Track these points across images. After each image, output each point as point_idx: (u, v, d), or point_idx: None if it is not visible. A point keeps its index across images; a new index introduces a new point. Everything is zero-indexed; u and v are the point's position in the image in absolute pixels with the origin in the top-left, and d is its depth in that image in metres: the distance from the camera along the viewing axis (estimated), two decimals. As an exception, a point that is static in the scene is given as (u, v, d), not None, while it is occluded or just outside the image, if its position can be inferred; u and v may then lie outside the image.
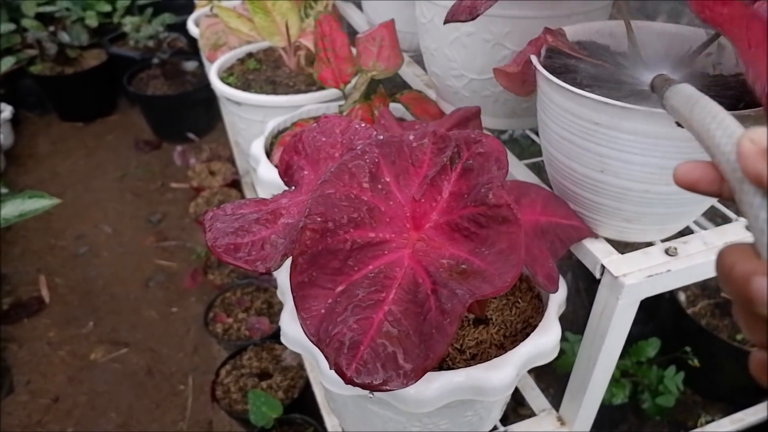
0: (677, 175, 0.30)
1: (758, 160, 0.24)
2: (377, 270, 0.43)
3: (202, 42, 1.28)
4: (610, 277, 0.54)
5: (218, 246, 0.47)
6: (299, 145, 0.57)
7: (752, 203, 0.25)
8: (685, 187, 0.30)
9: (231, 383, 1.32)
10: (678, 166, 0.30)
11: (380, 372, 0.39)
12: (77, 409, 1.45)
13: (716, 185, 0.29)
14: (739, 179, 0.25)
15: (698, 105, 0.31)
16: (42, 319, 1.70)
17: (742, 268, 0.24)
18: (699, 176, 0.29)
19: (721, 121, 0.28)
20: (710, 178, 0.29)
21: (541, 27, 0.56)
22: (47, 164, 2.40)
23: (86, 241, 1.99)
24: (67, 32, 2.47)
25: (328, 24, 0.81)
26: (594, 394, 0.66)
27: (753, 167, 0.25)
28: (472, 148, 0.47)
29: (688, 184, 0.30)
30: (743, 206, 0.25)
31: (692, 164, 0.29)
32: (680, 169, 0.30)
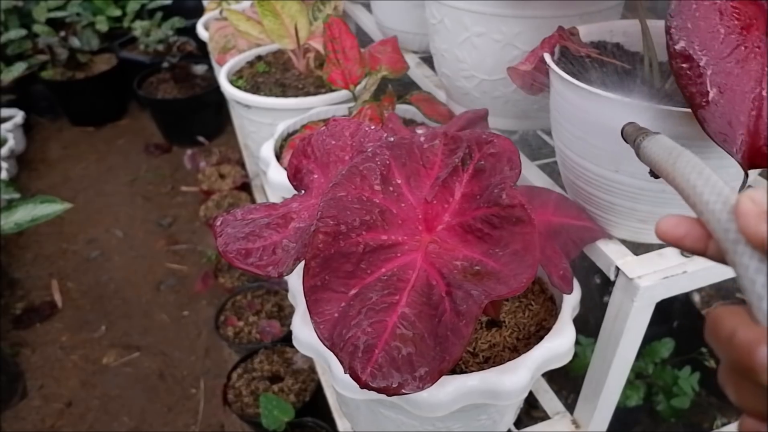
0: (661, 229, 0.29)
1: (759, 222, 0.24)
2: (390, 273, 0.42)
3: (211, 45, 1.29)
4: (624, 279, 0.54)
5: (229, 251, 0.47)
6: (309, 149, 0.57)
7: (748, 266, 0.24)
8: (669, 242, 0.29)
9: (242, 387, 1.32)
10: (662, 220, 0.29)
11: (395, 376, 0.38)
12: (90, 414, 1.45)
13: (702, 242, 0.28)
14: (733, 240, 0.25)
15: (681, 159, 0.31)
16: (54, 324, 1.71)
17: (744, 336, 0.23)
18: (685, 232, 0.28)
19: (707, 179, 0.28)
20: (696, 234, 0.28)
21: (552, 27, 0.55)
22: (59, 169, 2.41)
23: (98, 246, 2.00)
24: (78, 37, 2.49)
25: (338, 26, 0.81)
26: (609, 396, 0.65)
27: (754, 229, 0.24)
28: (484, 149, 0.47)
29: (673, 239, 0.29)
30: (737, 268, 0.24)
31: (677, 219, 0.29)
32: (665, 223, 0.29)
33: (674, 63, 0.39)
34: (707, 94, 0.38)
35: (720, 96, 0.38)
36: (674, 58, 0.39)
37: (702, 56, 0.39)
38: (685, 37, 0.39)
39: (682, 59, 0.39)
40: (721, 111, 0.38)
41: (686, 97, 0.39)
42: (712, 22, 0.39)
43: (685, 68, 0.39)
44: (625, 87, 0.51)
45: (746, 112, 0.38)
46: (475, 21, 0.66)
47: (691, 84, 0.39)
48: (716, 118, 0.38)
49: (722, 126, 0.38)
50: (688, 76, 0.39)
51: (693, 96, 0.39)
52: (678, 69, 0.39)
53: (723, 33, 0.39)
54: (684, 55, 0.39)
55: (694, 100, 0.39)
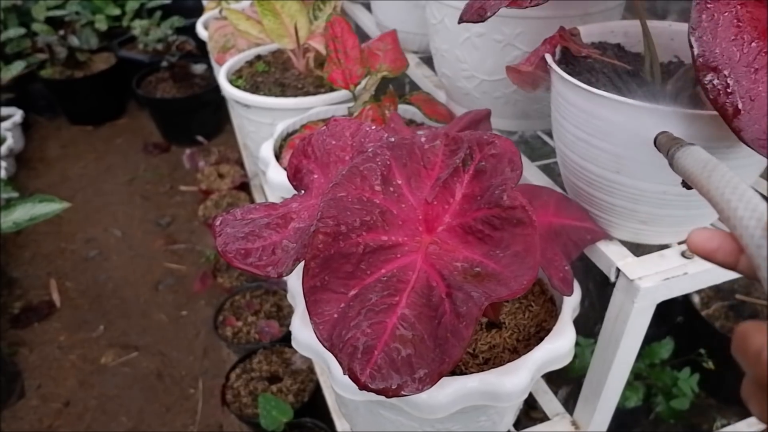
0: (694, 243, 0.29)
1: None
2: (390, 274, 0.42)
3: (211, 45, 1.28)
4: (625, 280, 0.53)
5: (229, 251, 0.46)
6: (309, 149, 0.56)
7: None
8: (701, 256, 0.29)
9: (241, 387, 1.32)
10: (695, 233, 0.29)
11: (395, 377, 0.38)
12: (88, 413, 1.45)
13: (734, 256, 0.28)
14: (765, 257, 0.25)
15: (716, 173, 0.31)
16: (52, 323, 1.71)
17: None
18: (717, 246, 0.29)
19: (742, 194, 0.28)
20: (729, 248, 0.28)
21: (553, 28, 0.55)
22: (57, 168, 2.41)
23: (96, 245, 1.99)
24: (77, 36, 2.48)
25: (340, 26, 0.80)
26: (609, 398, 0.65)
27: None
28: (485, 150, 0.47)
29: (705, 252, 0.29)
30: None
31: (710, 233, 0.29)
32: (697, 236, 0.29)
33: (701, 76, 0.39)
34: (737, 104, 0.38)
35: (751, 104, 0.38)
36: (701, 71, 0.39)
37: (727, 67, 0.39)
38: (709, 49, 0.39)
39: (709, 71, 0.39)
40: (753, 119, 0.38)
41: (717, 109, 0.39)
42: (733, 32, 0.39)
43: (712, 80, 0.39)
44: (627, 88, 0.51)
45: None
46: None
47: (720, 96, 0.39)
48: (751, 126, 0.38)
49: (758, 133, 0.38)
50: (716, 89, 0.39)
51: (724, 107, 0.39)
52: (706, 82, 0.39)
53: (744, 41, 0.39)
54: (710, 68, 0.39)
55: (725, 111, 0.39)
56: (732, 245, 0.28)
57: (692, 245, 0.30)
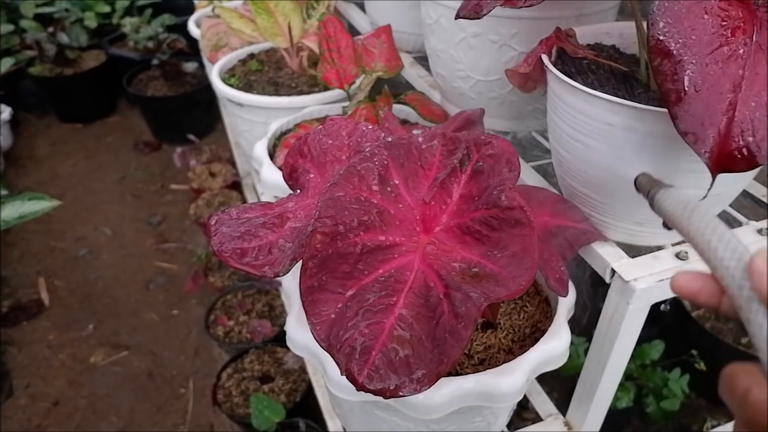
0: (677, 284, 0.30)
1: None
2: (388, 274, 0.42)
3: (203, 43, 1.28)
4: (620, 281, 0.54)
5: (224, 251, 0.46)
6: (305, 148, 0.56)
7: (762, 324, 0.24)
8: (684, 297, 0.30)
9: (232, 387, 1.31)
10: (677, 276, 0.30)
11: (392, 378, 0.38)
12: (77, 413, 1.44)
13: (716, 297, 0.29)
14: (747, 298, 0.26)
15: (696, 214, 0.32)
16: (41, 322, 1.69)
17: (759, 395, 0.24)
18: (700, 287, 0.29)
19: (721, 235, 0.29)
20: (711, 290, 0.29)
21: (548, 28, 0.55)
22: (47, 166, 2.39)
23: (86, 244, 1.98)
24: (66, 33, 2.46)
25: (333, 25, 0.80)
26: (602, 399, 0.65)
27: None
28: (482, 150, 0.47)
29: (689, 294, 0.30)
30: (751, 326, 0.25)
31: (692, 275, 0.30)
32: (680, 279, 0.30)
33: (652, 57, 0.39)
34: (682, 92, 0.38)
35: (695, 95, 0.38)
36: (652, 52, 0.39)
37: (681, 53, 0.38)
38: (666, 32, 0.39)
39: (661, 55, 0.39)
40: (694, 110, 0.38)
41: (661, 94, 0.38)
42: (696, 20, 0.39)
43: (663, 63, 0.38)
44: (622, 89, 0.51)
45: (720, 113, 0.38)
46: (471, 22, 0.65)
47: (667, 81, 0.38)
48: (689, 116, 0.38)
49: (694, 125, 0.38)
50: (665, 73, 0.38)
51: (668, 92, 0.38)
52: (656, 64, 0.39)
53: (706, 32, 0.39)
54: (663, 51, 0.39)
55: (668, 96, 0.38)
56: (714, 286, 0.29)
57: (675, 286, 0.30)
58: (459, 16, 0.52)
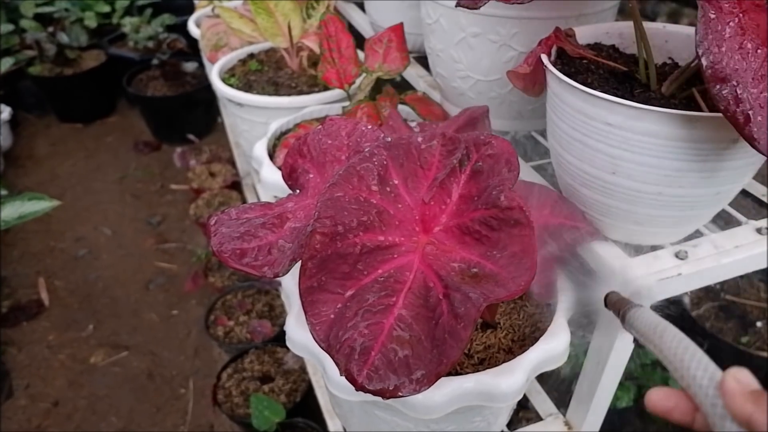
0: (650, 401, 0.31)
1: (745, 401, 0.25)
2: (387, 274, 0.42)
3: (203, 43, 1.28)
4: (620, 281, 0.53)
5: (224, 251, 0.46)
6: (304, 148, 0.56)
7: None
8: (658, 414, 0.31)
9: (232, 387, 1.31)
10: (651, 392, 0.31)
11: (392, 378, 0.38)
12: (77, 414, 1.44)
13: (690, 415, 0.30)
14: (720, 415, 0.27)
15: (667, 334, 0.34)
16: (41, 323, 1.69)
17: None
18: (674, 404, 0.30)
19: (693, 353, 0.30)
20: (684, 407, 0.30)
21: (549, 28, 0.55)
22: (46, 166, 2.39)
23: (86, 244, 1.98)
24: (66, 33, 2.46)
25: (334, 25, 0.80)
26: (602, 398, 0.65)
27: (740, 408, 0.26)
28: (482, 150, 0.47)
29: (662, 411, 0.31)
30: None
31: (666, 391, 0.31)
32: (653, 395, 0.31)
33: (711, 87, 0.39)
34: (748, 113, 0.39)
35: (760, 111, 0.38)
36: (710, 82, 0.39)
37: (735, 76, 0.39)
38: (716, 60, 0.39)
39: (718, 82, 0.39)
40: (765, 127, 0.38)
41: (728, 118, 0.39)
42: (738, 41, 0.40)
43: (722, 90, 0.39)
44: (622, 89, 0.51)
45: None
46: (471, 21, 0.66)
47: (731, 105, 0.39)
48: (763, 134, 0.38)
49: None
50: (726, 99, 0.39)
51: (735, 116, 0.39)
52: (716, 92, 0.39)
53: (750, 49, 0.40)
54: (719, 78, 0.39)
55: (737, 120, 0.39)
56: (687, 404, 0.30)
57: (650, 404, 0.31)
58: (458, 5, 0.52)
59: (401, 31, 0.81)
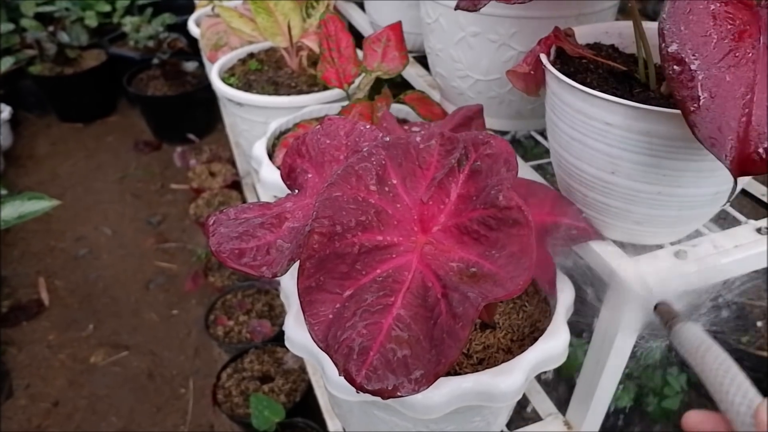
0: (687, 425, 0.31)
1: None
2: (385, 274, 0.42)
3: (203, 42, 1.27)
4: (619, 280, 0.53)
5: (222, 251, 0.46)
6: (303, 148, 0.56)
7: None
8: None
9: (232, 387, 1.31)
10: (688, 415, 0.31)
11: (391, 378, 0.38)
12: (77, 413, 1.44)
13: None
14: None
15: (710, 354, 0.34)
16: (41, 322, 1.69)
17: None
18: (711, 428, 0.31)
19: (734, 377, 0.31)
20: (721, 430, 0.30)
21: (548, 28, 0.55)
22: (47, 165, 2.39)
23: (86, 243, 1.98)
24: (67, 32, 2.46)
25: (334, 24, 0.80)
26: (602, 398, 0.65)
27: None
28: (480, 150, 0.47)
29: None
30: None
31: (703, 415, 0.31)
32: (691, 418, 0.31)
33: (666, 66, 0.39)
34: (698, 99, 0.38)
35: (711, 101, 0.38)
36: (666, 61, 0.39)
37: (694, 60, 0.39)
38: (678, 40, 0.39)
39: (675, 62, 0.39)
40: (711, 116, 0.38)
41: (677, 101, 0.39)
42: (706, 27, 0.39)
43: (677, 71, 0.39)
44: (621, 88, 0.51)
45: (737, 118, 0.38)
46: (470, 21, 0.65)
47: (682, 88, 0.39)
48: (707, 123, 0.38)
49: (712, 131, 0.38)
50: (679, 80, 0.39)
51: (684, 100, 0.38)
52: (670, 72, 0.39)
53: (716, 38, 0.39)
54: (676, 59, 0.39)
55: (684, 104, 0.38)
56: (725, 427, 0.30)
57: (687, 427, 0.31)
58: (458, 7, 0.52)
59: (400, 29, 0.81)
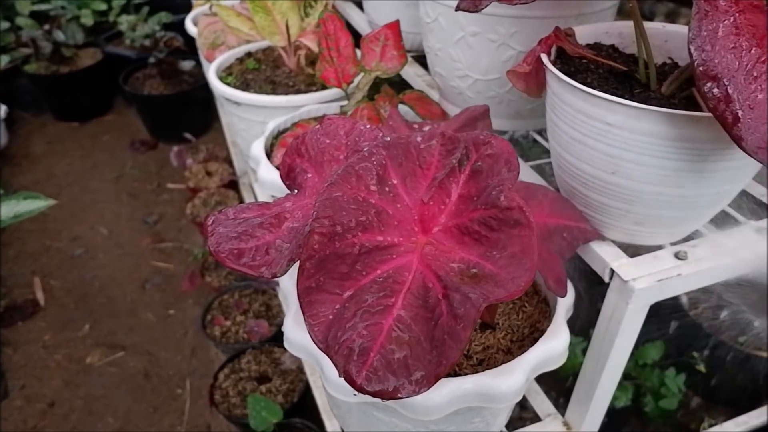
0: None
1: None
2: (386, 274, 0.42)
3: (200, 41, 1.27)
4: (619, 281, 0.53)
5: (221, 251, 0.46)
6: (302, 148, 0.56)
7: None
8: None
9: (229, 387, 1.31)
10: None
11: (391, 379, 0.38)
12: (74, 414, 1.43)
13: None
14: None
15: None
16: (37, 322, 1.68)
17: None
18: None
19: None
20: None
21: (548, 28, 0.55)
22: (42, 165, 2.38)
23: (82, 243, 1.97)
24: (62, 31, 2.45)
25: (333, 23, 0.80)
26: (601, 399, 0.65)
27: None
28: (481, 150, 0.46)
29: None
30: None
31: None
32: None
33: (701, 85, 0.39)
34: (737, 113, 0.38)
35: (750, 112, 0.38)
36: (701, 80, 0.39)
37: (726, 75, 0.39)
38: (708, 58, 0.39)
39: (709, 80, 0.39)
40: (753, 127, 0.38)
41: (717, 118, 0.39)
42: (732, 40, 0.39)
43: (712, 89, 0.39)
44: (621, 88, 0.51)
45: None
46: (470, 20, 0.65)
47: (720, 104, 0.39)
48: (750, 134, 0.38)
49: (758, 141, 0.38)
50: (716, 97, 0.39)
51: (724, 116, 0.39)
52: (705, 91, 0.39)
53: (743, 49, 0.39)
54: (710, 76, 0.39)
55: (725, 120, 0.38)
56: None
57: None
58: (458, 8, 0.52)
59: (397, 28, 0.81)
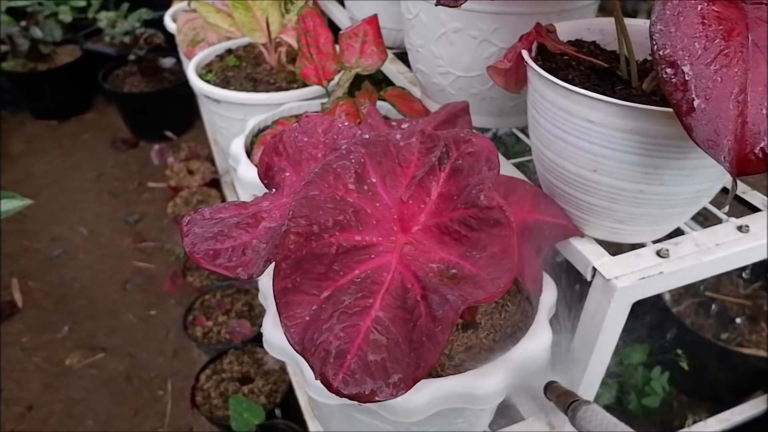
0: None
1: None
2: (364, 275, 0.41)
3: (179, 38, 1.25)
4: (601, 279, 0.53)
5: (197, 252, 0.45)
6: (280, 146, 0.55)
7: None
8: None
9: (211, 388, 1.29)
10: None
11: (368, 382, 0.37)
12: (53, 417, 1.40)
13: None
14: None
15: None
16: (15, 324, 1.65)
17: None
18: None
19: None
20: None
21: (529, 24, 0.54)
22: (21, 164, 2.33)
23: (61, 243, 1.94)
24: (40, 27, 2.41)
25: (312, 19, 0.79)
26: (585, 397, 0.65)
27: None
28: (462, 148, 0.46)
29: None
30: None
31: None
32: None
33: (659, 69, 0.39)
34: (693, 102, 0.38)
35: (705, 103, 0.37)
36: (659, 64, 0.39)
37: (686, 62, 0.38)
38: (669, 43, 0.38)
39: (667, 66, 0.38)
40: (707, 118, 0.37)
41: (672, 105, 0.38)
42: (696, 28, 0.39)
43: (670, 75, 0.38)
44: (603, 85, 0.51)
45: (732, 118, 0.37)
46: (451, 17, 0.64)
47: (676, 91, 0.38)
48: (703, 125, 0.37)
49: (709, 133, 0.37)
50: (673, 84, 0.38)
51: (679, 103, 0.38)
52: (663, 75, 0.38)
53: (706, 38, 0.39)
54: (669, 62, 0.38)
55: (680, 107, 0.38)
56: None
57: None
58: (438, 3, 0.51)
59: (376, 23, 0.80)
